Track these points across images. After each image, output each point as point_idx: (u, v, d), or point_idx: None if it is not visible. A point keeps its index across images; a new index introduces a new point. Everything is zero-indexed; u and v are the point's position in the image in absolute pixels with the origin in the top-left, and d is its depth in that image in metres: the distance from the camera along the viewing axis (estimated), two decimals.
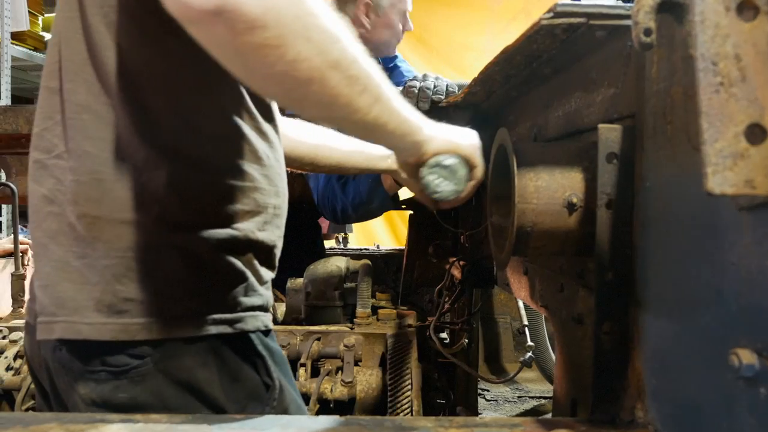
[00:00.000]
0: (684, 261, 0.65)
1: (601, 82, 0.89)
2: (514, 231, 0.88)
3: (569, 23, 0.77)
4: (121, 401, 0.81)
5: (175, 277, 0.83)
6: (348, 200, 1.89)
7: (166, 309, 0.82)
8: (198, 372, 0.84)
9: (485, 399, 2.60)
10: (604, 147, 0.78)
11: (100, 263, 0.81)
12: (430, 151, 0.98)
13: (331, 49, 0.72)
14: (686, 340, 0.64)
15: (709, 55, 0.49)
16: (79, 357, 0.82)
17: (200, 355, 0.84)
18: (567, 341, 1.02)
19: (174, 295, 0.83)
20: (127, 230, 0.81)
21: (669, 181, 0.68)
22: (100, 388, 0.81)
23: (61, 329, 0.82)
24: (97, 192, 0.81)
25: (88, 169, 0.82)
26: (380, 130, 0.87)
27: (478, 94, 1.36)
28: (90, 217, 0.81)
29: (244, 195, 0.89)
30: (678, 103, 0.65)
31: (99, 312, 0.81)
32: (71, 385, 0.84)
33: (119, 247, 0.81)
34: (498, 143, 0.98)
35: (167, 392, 0.82)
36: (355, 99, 0.78)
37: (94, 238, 0.81)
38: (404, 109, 0.89)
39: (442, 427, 0.72)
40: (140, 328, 0.81)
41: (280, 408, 0.91)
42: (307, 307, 1.65)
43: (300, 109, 0.84)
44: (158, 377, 0.82)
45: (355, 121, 0.82)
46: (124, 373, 0.80)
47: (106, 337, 0.80)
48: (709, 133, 0.49)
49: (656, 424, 0.71)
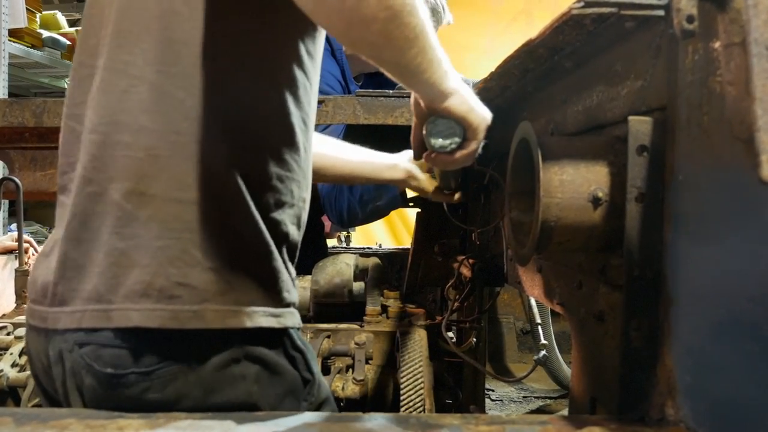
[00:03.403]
0: (722, 255, 0.63)
1: (626, 74, 0.88)
2: (538, 226, 0.87)
3: (599, 13, 0.75)
4: (152, 399, 0.77)
5: (231, 263, 0.79)
6: (355, 198, 1.86)
7: (220, 297, 0.79)
8: (237, 367, 0.81)
9: (491, 399, 2.58)
10: (635, 140, 0.76)
11: (153, 245, 0.77)
12: (446, 104, 0.98)
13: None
14: (726, 336, 0.63)
15: (762, 40, 0.48)
16: (124, 350, 0.77)
17: (243, 348, 0.81)
18: (586, 339, 1.01)
19: (231, 283, 0.80)
20: (184, 209, 0.78)
21: (704, 174, 0.67)
22: (133, 389, 0.77)
23: (108, 317, 0.77)
24: (153, 168, 0.77)
25: (144, 144, 0.78)
26: (417, 78, 0.90)
27: (492, 90, 1.34)
28: (144, 195, 0.77)
29: (285, 184, 0.87)
30: (716, 93, 0.64)
31: (148, 297, 0.76)
32: (99, 386, 0.79)
33: (174, 228, 0.77)
34: (520, 137, 0.96)
35: (201, 387, 0.79)
36: (405, 46, 0.82)
37: (149, 218, 0.77)
38: (442, 61, 0.92)
39: (470, 425, 0.70)
40: (192, 315, 0.77)
41: (317, 402, 0.90)
42: (315, 304, 1.64)
43: (355, 46, 0.85)
44: (191, 374, 0.78)
45: (398, 65, 0.86)
46: (157, 371, 0.77)
47: (155, 324, 0.76)
48: (764, 119, 0.47)
49: (689, 421, 0.70)
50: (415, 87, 0.97)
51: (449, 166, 1.12)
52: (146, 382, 0.77)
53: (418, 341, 1.48)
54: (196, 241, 0.77)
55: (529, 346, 2.85)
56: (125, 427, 0.67)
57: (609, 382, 0.90)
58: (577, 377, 1.05)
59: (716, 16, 0.61)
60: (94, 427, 0.67)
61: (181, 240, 0.77)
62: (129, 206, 0.77)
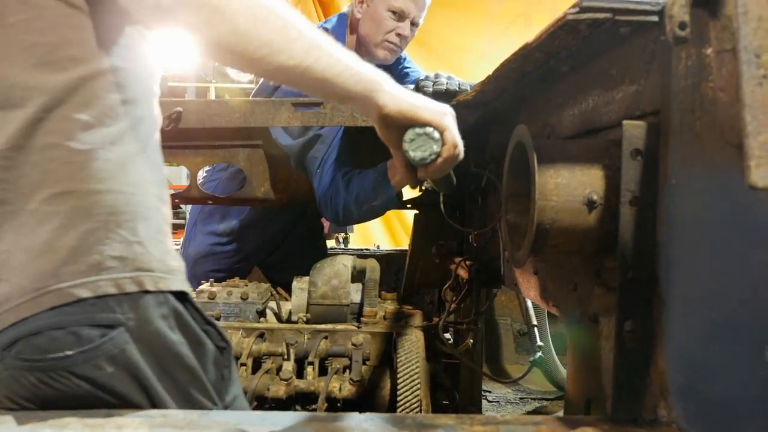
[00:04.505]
0: (714, 258, 0.64)
1: (621, 79, 0.89)
2: (533, 228, 0.88)
3: (594, 18, 0.76)
4: (103, 378, 0.79)
5: (149, 237, 0.87)
6: (352, 198, 1.86)
7: (147, 265, 0.85)
8: (170, 335, 0.86)
9: (487, 400, 2.59)
10: (629, 143, 0.77)
11: (79, 229, 0.82)
12: (389, 105, 0.95)
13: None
14: (717, 338, 0.64)
15: (751, 47, 0.49)
16: (62, 330, 0.79)
17: (168, 319, 0.87)
18: (581, 341, 1.01)
19: (153, 253, 0.87)
20: (102, 198, 0.83)
21: (697, 177, 0.68)
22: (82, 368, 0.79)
23: (38, 303, 0.79)
24: (70, 171, 0.82)
25: (57, 155, 0.82)
26: (328, 82, 0.88)
27: (489, 93, 1.35)
28: (63, 194, 0.82)
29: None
30: (708, 99, 0.65)
31: (83, 273, 0.81)
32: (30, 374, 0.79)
33: (99, 213, 0.83)
34: (516, 140, 0.97)
35: (146, 358, 0.83)
36: (288, 45, 0.83)
37: (72, 209, 0.82)
38: (353, 61, 0.91)
39: (465, 425, 0.71)
40: (130, 281, 0.83)
41: (234, 372, 0.98)
42: (313, 305, 1.64)
43: (241, 60, 0.85)
44: (135, 349, 0.82)
45: (292, 69, 0.85)
46: (101, 345, 0.80)
47: (97, 292, 0.80)
48: (753, 125, 0.48)
49: (681, 422, 0.71)
50: (339, 94, 0.94)
51: (443, 170, 1.06)
52: (95, 360, 0.79)
53: (415, 342, 1.49)
54: (120, 222, 0.84)
55: (527, 347, 2.85)
56: (123, 425, 0.68)
57: (603, 383, 0.91)
58: (573, 379, 1.06)
59: (708, 22, 0.62)
60: (93, 425, 0.68)
61: (108, 222, 0.83)
62: (50, 208, 0.81)
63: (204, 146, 2.02)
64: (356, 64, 0.91)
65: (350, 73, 0.90)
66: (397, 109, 0.95)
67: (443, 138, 0.99)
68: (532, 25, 4.44)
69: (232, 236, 2.34)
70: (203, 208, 2.40)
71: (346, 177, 1.89)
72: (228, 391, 0.97)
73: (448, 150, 0.99)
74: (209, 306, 1.65)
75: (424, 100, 0.99)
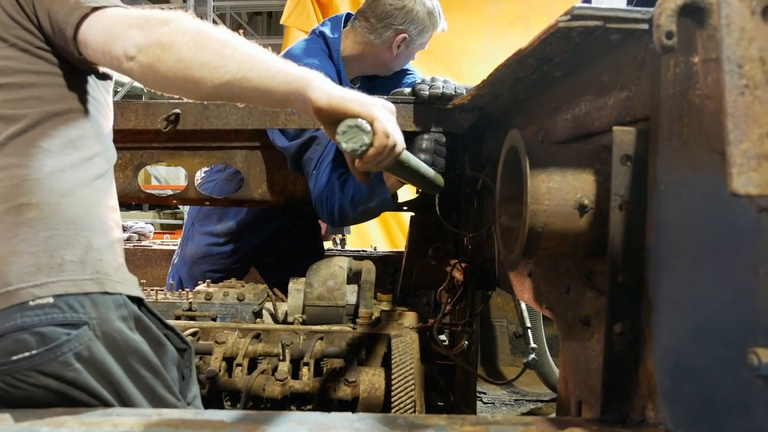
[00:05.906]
0: (700, 262, 0.66)
1: (613, 85, 0.90)
2: (525, 232, 0.89)
3: (585, 26, 0.78)
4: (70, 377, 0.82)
5: (105, 246, 0.95)
6: (347, 199, 1.87)
7: (105, 270, 0.92)
8: (131, 334, 0.92)
9: (482, 402, 2.60)
10: (619, 149, 0.78)
11: (39, 236, 0.88)
12: (320, 100, 0.98)
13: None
14: (702, 341, 0.65)
15: (734, 57, 0.50)
16: (25, 332, 0.83)
17: (128, 321, 0.93)
18: (573, 343, 1.03)
19: (111, 262, 0.95)
20: (61, 209, 0.92)
21: (685, 183, 0.69)
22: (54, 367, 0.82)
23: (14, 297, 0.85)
24: (29, 187, 0.92)
25: (16, 173, 0.92)
26: (264, 87, 0.95)
27: (485, 97, 1.36)
28: (24, 206, 0.90)
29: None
30: (695, 106, 0.66)
31: (44, 274, 0.87)
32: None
33: (59, 222, 0.91)
34: (509, 144, 0.98)
35: (111, 354, 0.88)
36: (224, 61, 0.92)
37: (34, 218, 0.89)
38: (284, 64, 0.97)
39: (455, 425, 0.72)
40: (91, 281, 0.89)
41: (194, 373, 1.05)
42: (308, 306, 1.65)
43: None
44: (101, 345, 0.87)
45: (231, 82, 0.93)
46: (66, 343, 0.84)
47: (59, 291, 0.86)
48: (735, 134, 0.49)
49: (668, 423, 0.72)
50: (273, 97, 0.99)
51: (379, 161, 1.05)
52: (62, 356, 0.83)
53: (410, 344, 1.50)
54: (78, 231, 0.91)
55: (522, 349, 2.86)
56: (120, 424, 0.69)
57: (594, 385, 0.92)
58: (564, 380, 1.07)
59: (695, 32, 0.63)
60: (89, 424, 0.69)
61: (68, 230, 0.91)
62: (12, 218, 0.88)
63: (202, 147, 2.03)
64: (287, 67, 0.98)
65: (282, 76, 0.97)
66: (327, 102, 0.99)
67: (374, 128, 1.01)
68: (531, 27, 4.45)
69: (230, 237, 2.35)
70: (201, 209, 2.40)
71: (342, 178, 1.90)
72: (189, 390, 1.04)
73: (380, 140, 1.02)
74: (206, 306, 1.65)
75: (354, 94, 1.03)
